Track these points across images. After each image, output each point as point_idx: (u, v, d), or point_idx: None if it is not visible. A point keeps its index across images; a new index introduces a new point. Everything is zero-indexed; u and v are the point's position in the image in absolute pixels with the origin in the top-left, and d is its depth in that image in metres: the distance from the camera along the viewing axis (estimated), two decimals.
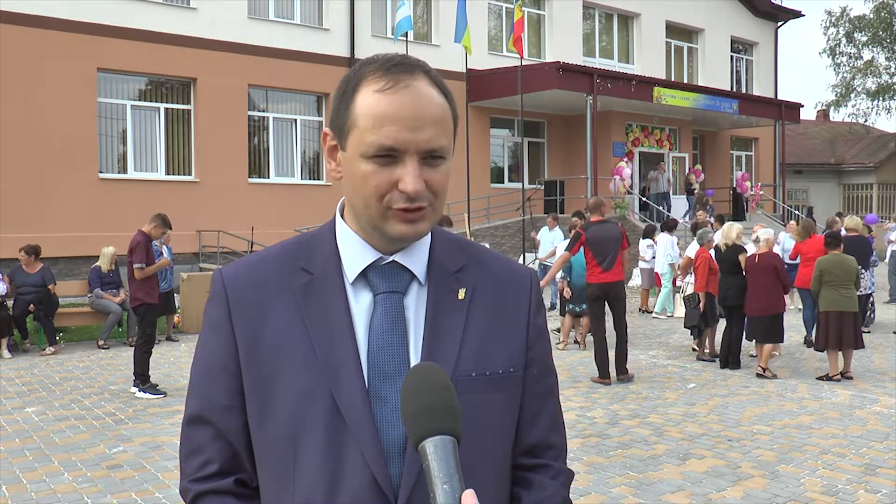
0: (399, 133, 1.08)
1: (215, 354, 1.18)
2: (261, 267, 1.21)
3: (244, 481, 1.18)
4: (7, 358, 9.74)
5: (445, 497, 0.89)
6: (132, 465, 5.56)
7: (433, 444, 0.93)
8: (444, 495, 0.89)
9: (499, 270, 1.27)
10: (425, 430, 0.94)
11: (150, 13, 14.80)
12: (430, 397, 0.96)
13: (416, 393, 0.97)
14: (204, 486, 1.16)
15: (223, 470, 1.17)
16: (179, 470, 1.22)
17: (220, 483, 1.16)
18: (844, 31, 31.01)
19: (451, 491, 0.90)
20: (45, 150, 13.49)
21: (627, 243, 8.44)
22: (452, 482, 0.90)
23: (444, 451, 0.93)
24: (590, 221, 8.60)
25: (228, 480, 1.16)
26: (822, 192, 29.24)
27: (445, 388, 0.98)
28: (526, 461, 1.23)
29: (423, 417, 0.95)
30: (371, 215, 1.12)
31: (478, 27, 19.12)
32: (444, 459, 0.92)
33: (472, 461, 0.93)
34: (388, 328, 1.15)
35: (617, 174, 19.18)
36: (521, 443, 1.23)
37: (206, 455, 1.17)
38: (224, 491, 1.16)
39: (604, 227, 8.37)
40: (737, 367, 8.88)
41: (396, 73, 1.11)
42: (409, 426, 0.97)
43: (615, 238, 8.24)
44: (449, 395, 0.98)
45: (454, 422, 0.96)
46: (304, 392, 1.12)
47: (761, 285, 8.38)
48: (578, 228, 8.66)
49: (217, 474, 1.16)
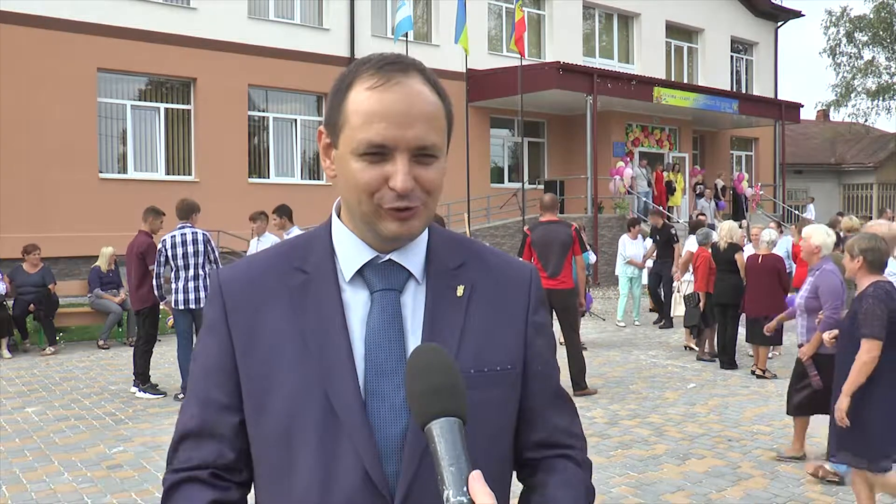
0: (388, 130, 1.09)
1: (212, 355, 1.19)
2: (257, 268, 1.22)
3: (223, 475, 1.18)
4: (7, 358, 9.74)
5: (452, 478, 0.89)
6: (132, 465, 5.56)
7: (439, 425, 0.93)
8: (451, 477, 0.89)
9: (498, 267, 1.27)
10: (431, 412, 0.94)
11: (150, 13, 14.79)
12: (435, 378, 0.96)
13: (420, 374, 0.97)
14: (181, 475, 1.17)
15: (204, 465, 1.17)
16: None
17: (198, 472, 1.17)
18: (845, 30, 30.97)
19: (458, 472, 0.90)
20: (45, 150, 13.49)
21: (581, 248, 7.71)
22: (459, 463, 0.90)
23: (451, 433, 0.92)
24: (539, 221, 7.80)
25: (205, 471, 1.17)
26: (822, 192, 29.22)
27: (450, 369, 0.98)
28: (546, 452, 1.25)
29: (428, 398, 0.95)
30: (364, 213, 1.13)
31: (478, 27, 19.12)
32: (451, 441, 0.92)
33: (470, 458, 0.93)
34: (384, 326, 1.15)
35: (617, 174, 19.19)
36: (536, 436, 1.24)
37: (190, 451, 1.18)
38: (200, 480, 1.16)
39: (552, 228, 7.52)
40: (733, 367, 8.88)
41: (389, 72, 1.11)
42: (414, 407, 0.96)
43: (562, 241, 7.41)
44: (454, 375, 0.97)
45: (459, 403, 0.95)
46: (298, 391, 1.12)
47: (762, 287, 8.36)
48: (526, 229, 7.87)
49: (197, 467, 1.17)
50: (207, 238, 7.64)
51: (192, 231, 7.55)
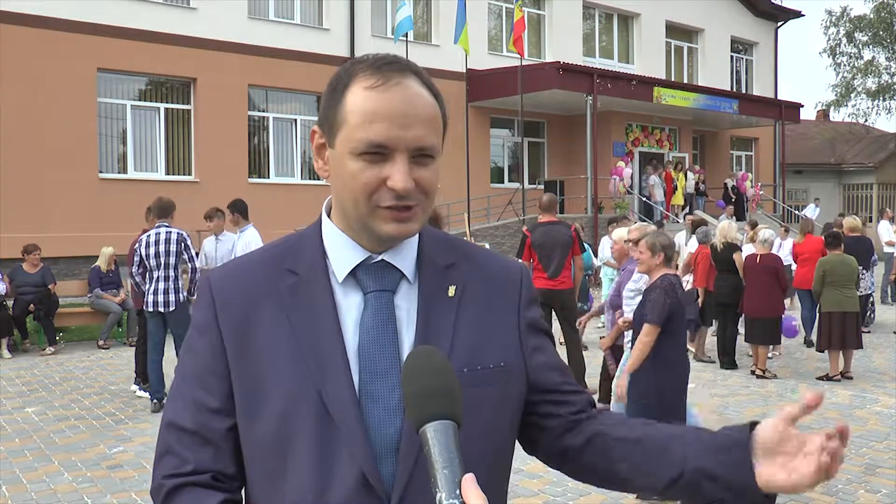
0: (389, 130, 1.09)
1: (203, 358, 1.17)
2: (247, 269, 1.21)
3: (224, 479, 1.16)
4: (7, 358, 9.74)
5: (445, 481, 0.89)
6: (132, 465, 5.56)
7: (433, 428, 0.93)
8: (444, 479, 0.89)
9: (489, 267, 1.27)
10: (425, 415, 0.94)
11: (150, 13, 14.79)
12: (429, 380, 0.96)
13: (416, 376, 0.97)
14: (179, 480, 1.14)
15: (201, 470, 1.15)
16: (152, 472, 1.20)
17: (198, 477, 1.14)
18: (845, 31, 30.97)
19: (451, 475, 0.90)
20: (45, 150, 13.48)
21: (581, 248, 7.69)
22: (453, 466, 0.91)
23: (445, 436, 0.93)
24: (538, 222, 7.75)
25: (206, 476, 1.15)
26: (822, 192, 29.20)
27: (445, 372, 0.98)
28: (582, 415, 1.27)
29: (423, 401, 0.95)
30: (360, 214, 1.13)
31: (478, 27, 19.12)
32: (444, 444, 0.92)
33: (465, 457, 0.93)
34: (378, 326, 1.15)
35: (616, 174, 19.18)
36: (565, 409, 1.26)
37: (183, 456, 1.15)
38: (203, 484, 1.14)
39: (552, 228, 7.48)
40: (733, 367, 8.88)
41: (387, 72, 1.11)
42: (409, 410, 0.96)
43: (563, 242, 7.41)
44: (449, 378, 0.97)
45: (454, 406, 0.95)
46: (292, 393, 1.12)
47: (761, 287, 8.36)
48: (525, 230, 7.82)
49: (193, 473, 1.15)
50: (183, 238, 7.25)
51: (168, 230, 7.19)
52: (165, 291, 7.14)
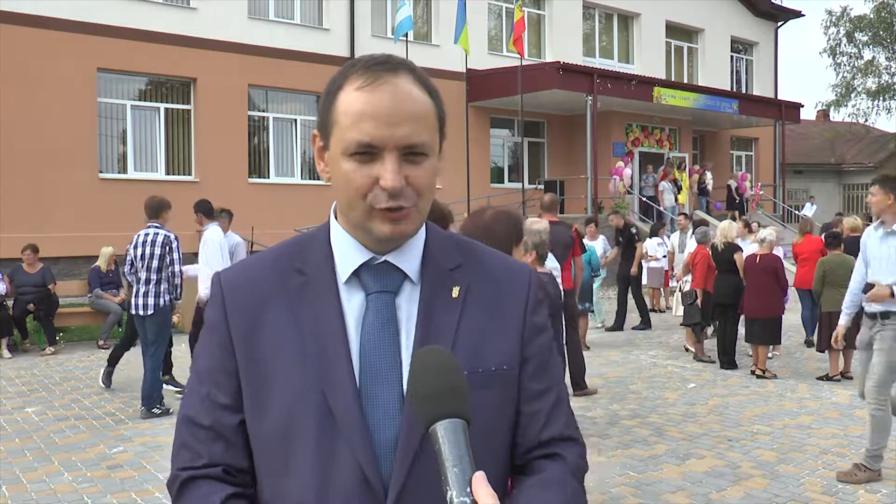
0: (377, 129, 1.09)
1: (213, 355, 1.20)
2: (257, 269, 1.23)
3: (234, 472, 1.18)
4: (7, 358, 9.74)
5: (456, 479, 0.90)
6: (132, 465, 5.56)
7: (443, 427, 0.94)
8: (455, 477, 0.90)
9: (495, 268, 1.27)
10: (435, 413, 0.95)
11: (150, 13, 14.79)
12: (439, 379, 0.97)
13: (425, 375, 0.98)
14: (192, 472, 1.17)
15: (213, 463, 1.18)
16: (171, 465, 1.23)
17: (210, 470, 1.17)
18: (845, 30, 30.95)
19: (462, 473, 0.91)
20: (45, 150, 13.48)
21: (581, 249, 7.65)
22: (463, 464, 0.91)
23: (455, 434, 0.93)
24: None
25: (218, 469, 1.17)
26: (822, 192, 29.22)
27: (454, 371, 0.98)
28: (537, 453, 1.22)
29: (432, 400, 0.95)
30: (356, 214, 1.14)
31: (478, 27, 19.11)
32: (455, 442, 0.93)
33: None
34: (379, 328, 1.15)
35: (616, 174, 19.17)
36: (528, 440, 1.22)
37: (197, 450, 1.18)
38: (214, 477, 1.17)
39: (553, 229, 7.39)
40: (733, 367, 8.88)
41: (377, 71, 1.12)
42: (418, 408, 0.97)
43: (565, 243, 7.33)
44: (458, 376, 0.98)
45: (464, 404, 0.96)
46: (297, 392, 1.13)
47: (761, 287, 8.37)
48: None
49: (207, 465, 1.18)
50: (169, 240, 7.02)
51: (155, 232, 6.99)
52: (145, 294, 6.97)
